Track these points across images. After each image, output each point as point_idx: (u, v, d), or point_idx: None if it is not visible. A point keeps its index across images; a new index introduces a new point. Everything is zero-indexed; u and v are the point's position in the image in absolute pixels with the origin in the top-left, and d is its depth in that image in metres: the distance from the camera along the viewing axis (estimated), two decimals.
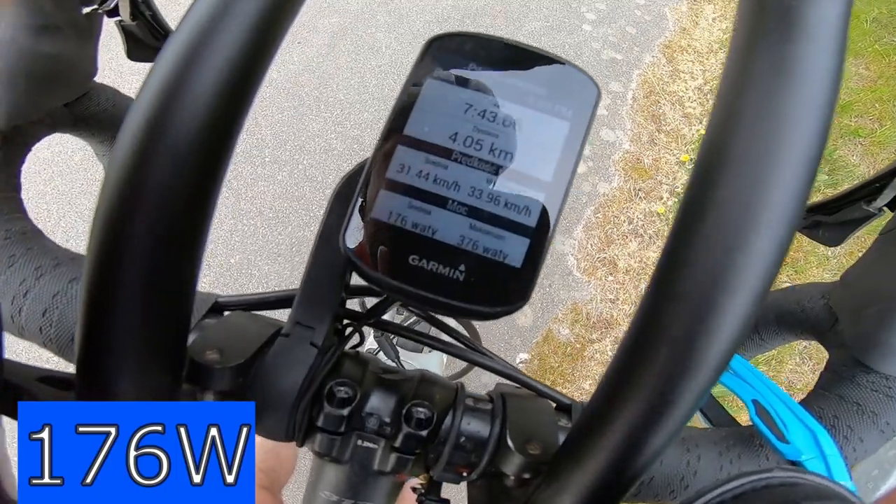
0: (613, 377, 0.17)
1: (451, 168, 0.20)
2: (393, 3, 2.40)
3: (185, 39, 0.14)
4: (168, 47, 0.15)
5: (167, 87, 0.14)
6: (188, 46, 0.14)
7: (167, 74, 0.14)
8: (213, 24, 0.14)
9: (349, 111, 2.00)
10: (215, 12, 0.14)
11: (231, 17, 0.14)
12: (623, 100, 2.23)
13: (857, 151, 2.20)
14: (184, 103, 0.14)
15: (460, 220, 0.20)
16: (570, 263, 1.76)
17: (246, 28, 0.15)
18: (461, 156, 0.20)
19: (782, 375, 1.63)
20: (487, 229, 0.20)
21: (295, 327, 0.24)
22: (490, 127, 0.21)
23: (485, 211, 0.20)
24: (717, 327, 0.15)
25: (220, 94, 0.14)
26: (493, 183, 0.20)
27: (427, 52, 0.22)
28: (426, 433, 0.24)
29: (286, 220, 1.70)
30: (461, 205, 0.20)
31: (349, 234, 0.20)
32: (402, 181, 0.20)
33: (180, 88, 0.14)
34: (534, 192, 0.20)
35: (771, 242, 0.14)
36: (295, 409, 0.22)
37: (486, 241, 0.20)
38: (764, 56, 0.15)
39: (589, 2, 2.58)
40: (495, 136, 0.21)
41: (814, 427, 0.26)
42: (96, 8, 0.35)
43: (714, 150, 0.15)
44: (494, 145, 0.20)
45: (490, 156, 0.20)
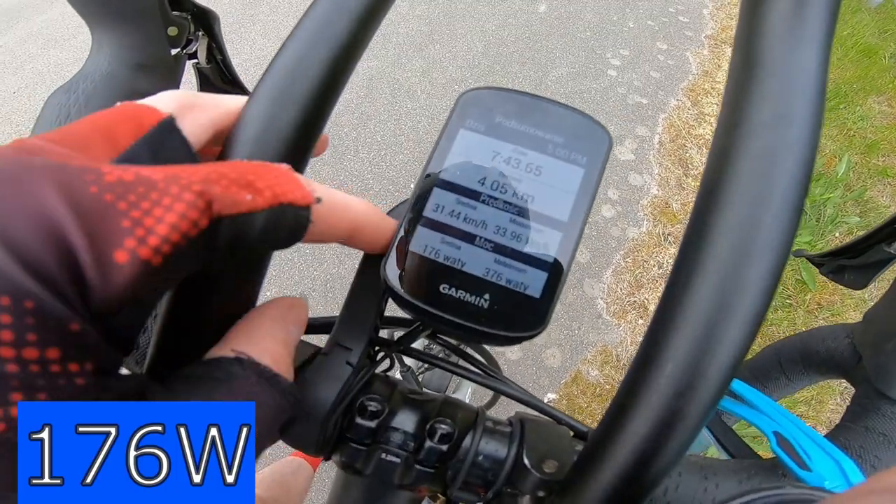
0: (623, 396, 0.19)
1: (479, 209, 0.23)
2: (427, 49, 2.52)
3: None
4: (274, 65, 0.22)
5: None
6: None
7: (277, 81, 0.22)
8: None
9: (385, 152, 2.08)
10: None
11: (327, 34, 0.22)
12: (650, 144, 2.25)
13: (887, 192, 2.16)
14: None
15: (486, 254, 0.23)
16: (600, 307, 1.75)
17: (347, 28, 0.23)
18: (488, 198, 0.23)
19: (823, 415, 1.57)
20: (510, 263, 0.22)
21: (334, 347, 0.25)
22: (514, 173, 0.24)
23: (508, 247, 0.23)
24: (718, 348, 0.17)
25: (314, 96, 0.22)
26: (516, 222, 0.23)
27: (459, 105, 0.25)
28: (447, 448, 0.26)
29: (322, 257, 1.76)
30: (487, 241, 0.23)
31: (389, 265, 0.23)
32: (437, 219, 0.23)
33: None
34: (552, 231, 0.23)
35: (763, 270, 0.17)
36: (327, 421, 0.24)
37: (509, 273, 0.22)
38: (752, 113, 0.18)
39: (613, 48, 2.64)
40: (518, 181, 0.23)
41: (839, 457, 0.27)
42: (181, 51, 0.41)
43: (712, 188, 0.18)
44: (517, 189, 0.23)
45: (514, 198, 0.23)
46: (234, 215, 0.16)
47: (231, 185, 0.16)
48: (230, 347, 0.19)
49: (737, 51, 0.20)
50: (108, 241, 0.13)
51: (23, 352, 0.12)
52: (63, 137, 0.16)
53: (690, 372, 0.17)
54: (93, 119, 0.18)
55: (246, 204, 0.16)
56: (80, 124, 0.17)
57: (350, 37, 0.23)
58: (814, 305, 1.81)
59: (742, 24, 0.20)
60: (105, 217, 0.13)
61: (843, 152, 2.24)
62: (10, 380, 0.12)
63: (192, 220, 0.14)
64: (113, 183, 0.13)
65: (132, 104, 0.19)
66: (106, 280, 0.13)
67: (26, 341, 0.12)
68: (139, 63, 0.36)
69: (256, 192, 0.16)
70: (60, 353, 0.12)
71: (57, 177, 0.13)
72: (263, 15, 2.62)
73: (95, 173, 0.13)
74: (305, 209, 0.18)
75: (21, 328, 0.12)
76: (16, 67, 2.28)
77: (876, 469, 0.29)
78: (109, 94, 0.35)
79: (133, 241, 0.13)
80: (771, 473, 0.29)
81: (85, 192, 0.13)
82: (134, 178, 0.14)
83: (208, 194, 0.15)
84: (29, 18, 2.54)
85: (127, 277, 0.13)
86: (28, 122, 2.04)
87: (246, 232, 0.16)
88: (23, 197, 0.12)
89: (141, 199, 0.14)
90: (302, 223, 0.18)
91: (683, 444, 0.18)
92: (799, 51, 0.18)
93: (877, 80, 2.61)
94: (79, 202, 0.13)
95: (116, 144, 0.17)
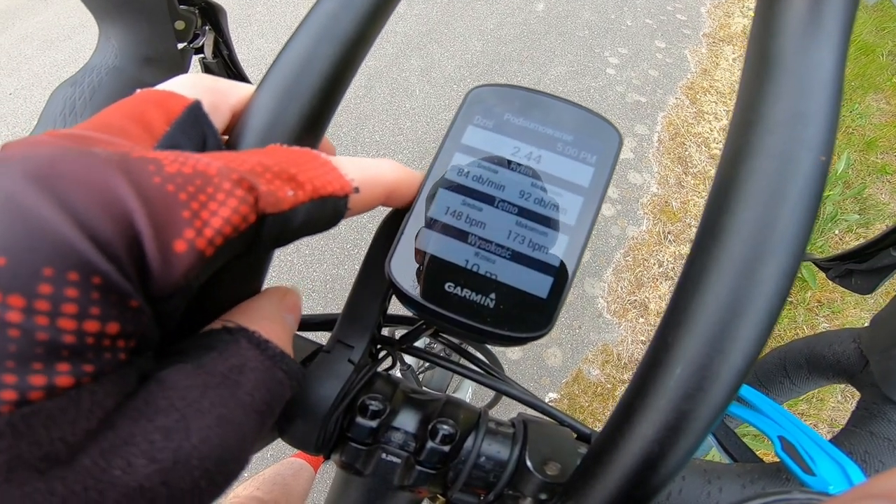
0: (629, 399, 0.18)
1: (485, 208, 0.23)
2: (425, 48, 2.51)
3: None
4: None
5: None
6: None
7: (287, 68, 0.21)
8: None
9: (384, 152, 2.08)
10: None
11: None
12: (649, 142, 2.25)
13: (886, 189, 2.16)
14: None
15: (492, 254, 0.22)
16: (601, 306, 1.75)
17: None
18: (495, 197, 0.23)
19: (824, 413, 1.58)
20: (517, 263, 0.22)
21: (336, 345, 0.25)
22: (522, 171, 0.23)
23: (514, 247, 0.22)
24: (730, 350, 0.16)
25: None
26: (523, 222, 0.23)
27: (467, 102, 0.25)
28: (448, 449, 0.25)
29: (322, 257, 1.76)
30: (494, 240, 0.22)
31: (394, 262, 0.22)
32: (443, 218, 0.23)
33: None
34: (559, 230, 0.23)
35: (778, 271, 0.16)
36: (327, 419, 0.23)
37: (516, 273, 0.22)
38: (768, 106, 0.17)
39: (611, 46, 2.64)
40: (525, 181, 0.23)
41: (843, 461, 0.27)
42: (188, 45, 0.41)
43: (725, 187, 0.18)
44: (524, 189, 0.23)
45: (521, 197, 0.23)
46: (277, 213, 0.16)
47: (274, 180, 0.16)
48: (220, 321, 0.19)
49: (752, 48, 0.19)
50: (170, 231, 0.14)
51: (84, 325, 0.12)
52: (101, 127, 0.17)
53: (701, 374, 0.17)
54: (120, 107, 0.18)
55: (288, 201, 0.16)
56: (109, 114, 0.18)
57: (358, 31, 0.23)
58: (814, 303, 1.82)
59: (757, 21, 0.19)
60: (167, 207, 0.14)
61: (842, 150, 2.25)
62: (62, 350, 0.12)
63: (242, 214, 0.15)
64: (173, 174, 0.14)
65: (152, 91, 0.19)
66: (166, 267, 0.14)
67: (89, 314, 0.12)
68: (146, 57, 0.36)
69: (298, 186, 0.17)
70: (119, 328, 0.13)
71: (122, 165, 0.13)
72: (260, 15, 2.61)
73: (156, 164, 0.14)
74: (344, 198, 0.19)
75: (86, 302, 0.12)
76: (12, 69, 2.27)
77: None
78: (115, 87, 0.35)
79: (192, 232, 0.14)
80: (775, 478, 0.29)
81: (150, 182, 0.13)
82: (192, 170, 0.14)
83: (256, 191, 0.15)
84: (24, 20, 2.53)
85: (184, 266, 0.14)
86: (25, 124, 2.04)
87: (288, 226, 0.17)
88: (93, 183, 0.13)
89: (199, 191, 0.14)
90: (340, 211, 0.19)
91: (690, 449, 0.17)
92: (816, 48, 0.17)
93: (875, 78, 2.61)
94: (144, 191, 0.13)
95: (153, 131, 0.18)
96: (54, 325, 0.12)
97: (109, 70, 0.35)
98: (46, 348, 0.12)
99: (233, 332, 0.18)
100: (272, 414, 0.18)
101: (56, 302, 0.12)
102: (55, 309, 0.12)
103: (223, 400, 0.15)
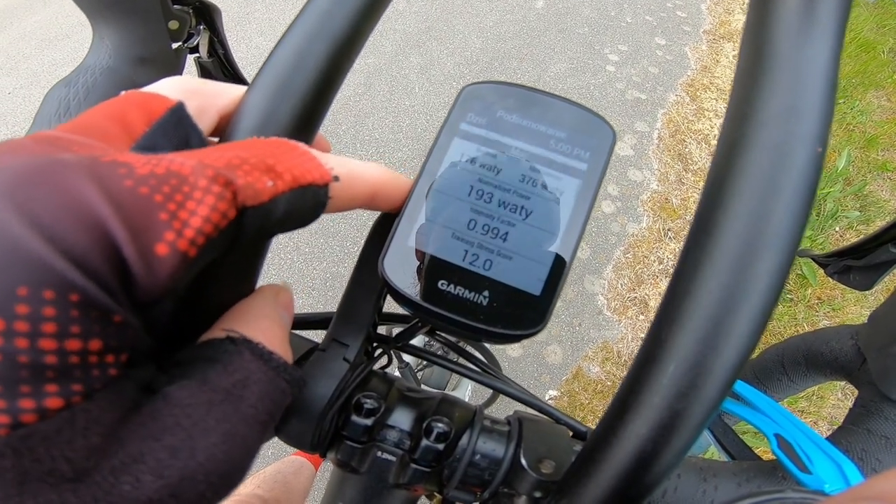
0: (623, 396, 0.18)
1: (478, 205, 0.23)
2: (425, 46, 2.51)
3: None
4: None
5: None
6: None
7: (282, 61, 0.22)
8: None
9: (384, 150, 2.08)
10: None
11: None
12: (649, 139, 2.24)
13: (887, 186, 2.16)
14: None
15: (486, 251, 0.22)
16: (601, 303, 1.75)
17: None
18: (488, 194, 0.23)
19: (824, 410, 1.58)
20: (510, 260, 0.22)
21: (331, 343, 0.25)
22: (515, 168, 0.23)
23: (508, 244, 0.22)
24: (723, 346, 0.16)
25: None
26: (516, 218, 0.23)
27: (460, 99, 0.24)
28: (443, 447, 0.25)
29: (321, 255, 1.76)
30: (487, 237, 0.22)
31: (387, 261, 0.22)
32: (435, 217, 0.23)
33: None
34: (553, 227, 0.22)
35: (771, 266, 0.16)
36: (323, 417, 0.24)
37: (509, 270, 0.22)
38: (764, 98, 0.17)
39: (611, 43, 2.64)
40: (518, 179, 0.23)
41: (840, 460, 0.27)
42: (182, 45, 0.41)
43: (719, 181, 0.18)
44: (518, 186, 0.23)
45: (514, 194, 0.23)
46: (257, 205, 0.16)
47: (253, 171, 0.16)
48: (221, 328, 0.19)
49: (746, 42, 0.19)
50: (149, 235, 0.13)
51: (65, 343, 0.12)
52: (80, 128, 0.16)
53: (694, 371, 0.17)
54: (103, 108, 0.18)
55: (268, 192, 0.16)
56: (91, 115, 0.17)
57: (351, 28, 0.23)
58: (814, 300, 1.82)
59: (752, 15, 0.19)
60: (143, 210, 0.13)
61: (842, 147, 2.24)
62: (47, 371, 0.12)
63: (221, 211, 0.15)
64: (146, 175, 0.14)
65: (137, 92, 0.19)
66: (149, 272, 0.13)
67: (69, 333, 0.12)
68: (140, 57, 0.36)
69: (277, 176, 0.17)
70: (102, 345, 0.13)
71: (91, 172, 0.13)
72: (259, 13, 2.60)
73: (127, 167, 0.14)
74: (324, 187, 0.19)
75: (65, 320, 0.12)
76: (10, 68, 2.27)
77: (877, 472, 0.29)
78: (110, 87, 0.35)
79: (172, 234, 0.14)
80: (771, 476, 0.29)
81: (121, 186, 0.13)
82: (165, 171, 0.14)
83: (233, 185, 0.15)
84: (23, 18, 2.53)
85: (168, 269, 0.14)
86: (23, 123, 2.04)
87: (269, 218, 0.17)
88: (62, 193, 0.12)
89: (174, 191, 0.14)
90: (321, 201, 0.19)
91: (684, 446, 0.17)
92: (810, 42, 0.17)
93: (875, 75, 2.61)
94: (116, 196, 0.13)
95: (132, 132, 0.18)
96: (35, 346, 0.11)
97: (103, 70, 0.35)
98: (31, 371, 0.12)
99: (236, 342, 0.18)
100: (274, 421, 0.18)
101: (34, 322, 0.11)
102: (34, 329, 0.11)
103: (227, 416, 0.16)
